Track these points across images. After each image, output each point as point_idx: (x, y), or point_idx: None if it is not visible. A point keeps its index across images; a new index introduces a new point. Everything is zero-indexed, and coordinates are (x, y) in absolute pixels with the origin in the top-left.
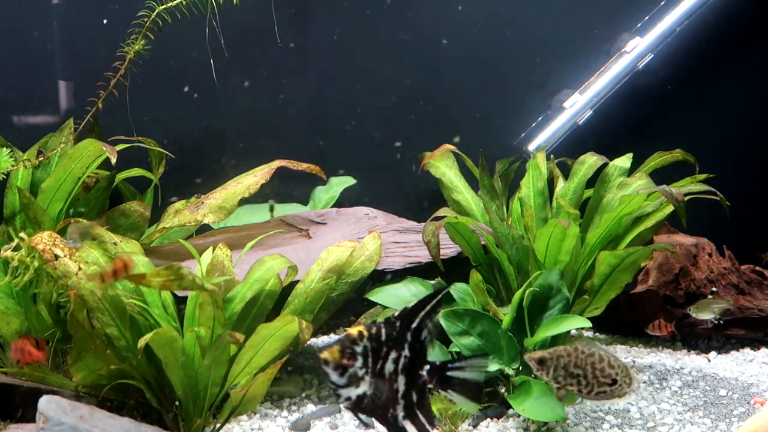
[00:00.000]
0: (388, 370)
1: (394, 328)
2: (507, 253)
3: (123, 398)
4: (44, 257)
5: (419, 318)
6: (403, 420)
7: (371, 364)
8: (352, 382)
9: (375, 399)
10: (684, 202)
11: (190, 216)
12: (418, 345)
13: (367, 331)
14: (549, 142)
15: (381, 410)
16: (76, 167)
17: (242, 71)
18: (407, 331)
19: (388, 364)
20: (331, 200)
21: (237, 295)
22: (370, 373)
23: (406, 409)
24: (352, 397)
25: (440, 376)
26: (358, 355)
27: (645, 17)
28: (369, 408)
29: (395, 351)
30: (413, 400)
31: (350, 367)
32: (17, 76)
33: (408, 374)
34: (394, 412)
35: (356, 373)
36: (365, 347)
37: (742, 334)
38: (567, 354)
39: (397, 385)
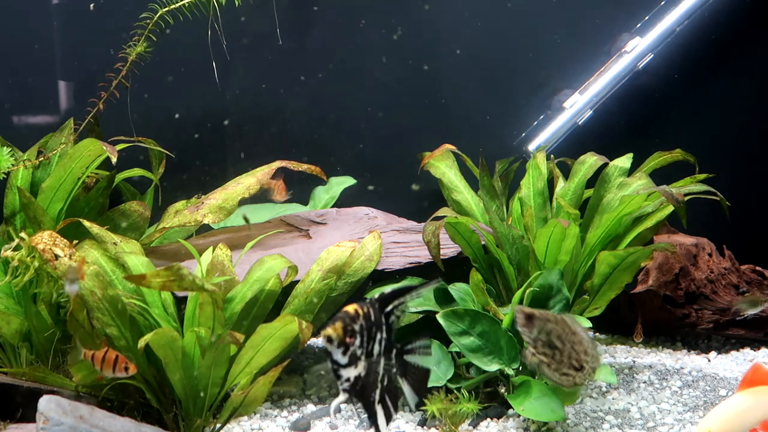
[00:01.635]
0: (375, 352)
1: (375, 309)
2: (507, 253)
3: (123, 398)
4: (44, 257)
5: (393, 304)
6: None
7: (366, 343)
8: (352, 362)
9: (366, 381)
10: (684, 203)
11: (190, 216)
12: (388, 328)
13: (361, 309)
14: (549, 142)
15: (366, 392)
16: (76, 167)
17: (243, 71)
18: (383, 313)
19: (375, 345)
20: (331, 200)
21: (237, 295)
22: (364, 353)
23: (380, 393)
24: (351, 378)
25: (401, 361)
26: (356, 333)
27: (645, 17)
28: (360, 391)
29: (379, 332)
30: (385, 383)
31: (351, 345)
32: (17, 76)
33: (385, 357)
34: (373, 396)
35: (356, 353)
36: (361, 325)
37: (742, 334)
38: (555, 321)
39: (378, 368)
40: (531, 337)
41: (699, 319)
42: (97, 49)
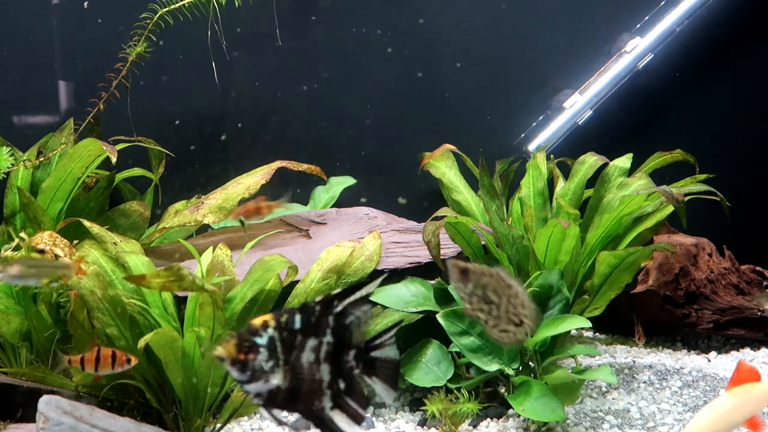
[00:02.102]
0: (306, 360)
1: (312, 313)
2: (507, 253)
3: (123, 398)
4: (44, 257)
5: (343, 303)
6: (331, 410)
7: (282, 354)
8: (257, 377)
9: (293, 392)
10: (684, 203)
11: (190, 216)
12: (343, 330)
13: (273, 320)
14: (549, 142)
15: (303, 404)
16: (76, 167)
17: (243, 72)
18: (327, 315)
19: (306, 353)
20: (331, 200)
21: (237, 295)
22: (281, 364)
23: (333, 398)
24: (262, 392)
25: (365, 359)
26: (260, 347)
27: (645, 17)
28: (287, 402)
29: (314, 338)
30: (341, 388)
31: (250, 361)
32: (17, 76)
33: (333, 361)
34: (319, 404)
35: (261, 367)
36: (271, 338)
37: (742, 334)
38: (490, 275)
39: (320, 375)
40: (466, 293)
41: (699, 319)
42: (97, 49)
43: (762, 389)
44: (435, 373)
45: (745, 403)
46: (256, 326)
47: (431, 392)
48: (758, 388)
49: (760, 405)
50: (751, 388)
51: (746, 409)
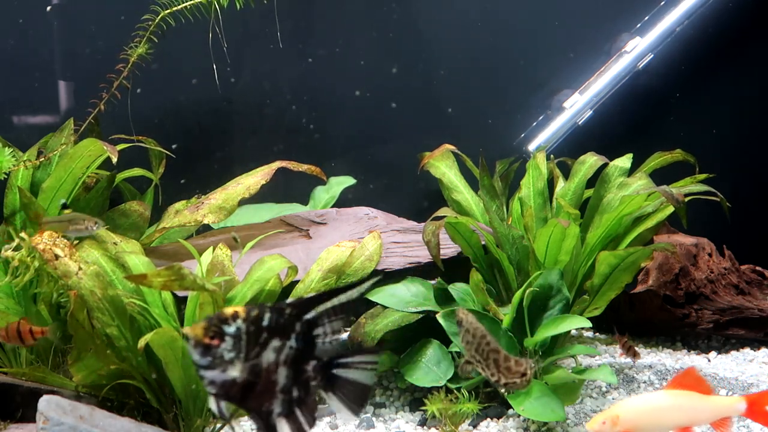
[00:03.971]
0: (266, 359)
1: (281, 314)
2: (507, 253)
3: (123, 398)
4: (44, 257)
5: (317, 311)
6: (278, 417)
7: (245, 348)
8: (216, 365)
9: (247, 388)
10: (684, 203)
11: (190, 216)
12: (309, 338)
13: (244, 313)
14: (549, 142)
15: (253, 402)
16: (76, 167)
17: (243, 72)
18: (298, 320)
19: (267, 353)
20: (331, 200)
21: (237, 295)
22: (242, 358)
23: (284, 405)
24: (216, 381)
25: (326, 375)
26: (227, 335)
27: (645, 17)
28: (238, 398)
29: (279, 339)
30: (294, 396)
31: (215, 347)
32: (17, 76)
33: (292, 368)
34: (269, 407)
35: (222, 355)
36: (239, 329)
37: (742, 334)
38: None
39: (276, 378)
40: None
41: (699, 319)
42: (97, 49)
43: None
44: (435, 373)
45: (678, 408)
46: (226, 315)
47: (431, 392)
48: (704, 400)
49: (701, 417)
50: (692, 396)
51: (678, 413)
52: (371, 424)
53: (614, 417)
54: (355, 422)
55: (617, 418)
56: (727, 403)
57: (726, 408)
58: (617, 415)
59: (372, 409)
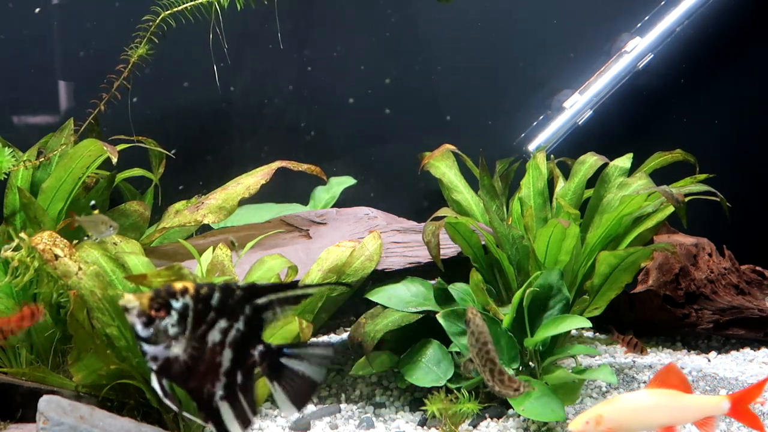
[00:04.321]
0: (212, 339)
1: (231, 295)
2: (507, 253)
3: (123, 398)
4: (44, 257)
5: (269, 297)
6: (220, 400)
7: (191, 325)
8: (159, 339)
9: (189, 367)
10: (684, 203)
11: (190, 216)
12: (256, 322)
13: (193, 289)
14: (549, 142)
15: (195, 382)
16: (76, 167)
17: (243, 72)
18: (247, 303)
19: (213, 332)
20: (331, 200)
21: None
22: (187, 335)
23: (226, 388)
24: (158, 357)
25: (272, 362)
26: (173, 310)
27: (645, 17)
28: (180, 376)
29: (226, 320)
30: (237, 380)
31: (159, 319)
32: (17, 76)
33: (237, 350)
34: (211, 389)
35: (166, 330)
36: (186, 305)
37: (742, 334)
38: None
39: (221, 359)
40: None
41: (699, 319)
42: (97, 49)
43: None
44: (435, 373)
45: (662, 407)
46: (175, 289)
47: (431, 392)
48: (687, 400)
49: (685, 417)
50: (676, 396)
51: (662, 413)
52: (371, 424)
53: (597, 417)
54: (356, 422)
55: (601, 417)
56: (711, 402)
57: (710, 407)
58: (600, 415)
59: (372, 409)
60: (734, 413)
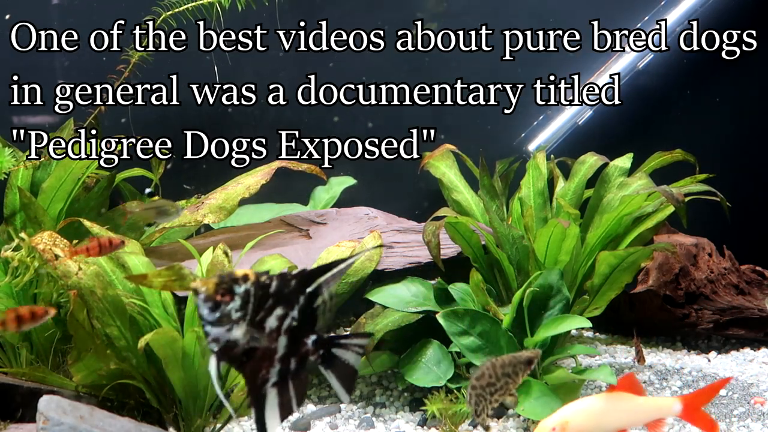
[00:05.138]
0: (269, 326)
1: (287, 284)
2: (507, 253)
3: (123, 398)
4: (44, 257)
5: (317, 283)
6: (270, 387)
7: (251, 311)
8: (223, 322)
9: (247, 351)
10: (684, 203)
11: (190, 216)
12: (309, 312)
13: (254, 276)
14: (549, 142)
15: (251, 366)
16: (76, 167)
17: (243, 71)
18: (301, 292)
19: (271, 319)
20: (331, 200)
21: None
22: (248, 320)
23: (279, 375)
24: (220, 339)
25: (325, 352)
26: (236, 295)
27: (645, 17)
28: (238, 360)
29: (283, 308)
30: (290, 368)
31: (224, 304)
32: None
33: (291, 338)
34: (265, 375)
35: (230, 314)
36: (248, 291)
37: (742, 334)
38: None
39: (277, 346)
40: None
41: (699, 319)
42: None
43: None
44: (435, 373)
45: (621, 410)
46: (237, 275)
47: (431, 392)
48: (639, 402)
49: (639, 418)
50: (632, 398)
51: (619, 415)
52: (371, 424)
53: (563, 422)
54: (356, 422)
55: (567, 423)
56: (664, 404)
57: (663, 409)
58: (567, 421)
59: (372, 409)
60: (686, 415)
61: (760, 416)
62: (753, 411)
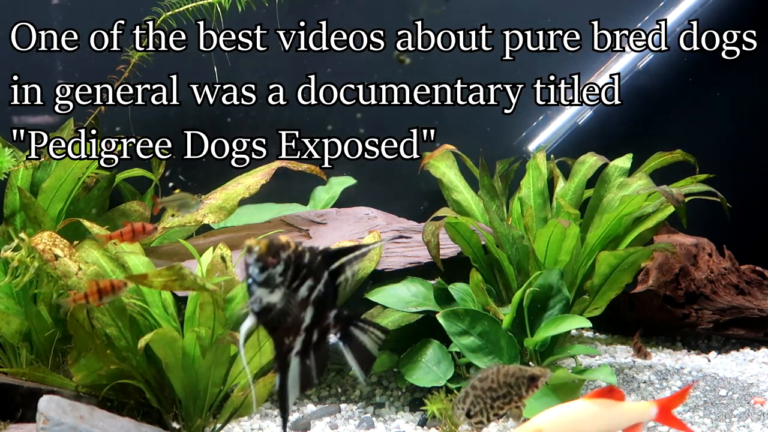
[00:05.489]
0: (301, 295)
1: (315, 257)
2: (507, 253)
3: (123, 398)
4: (44, 257)
5: (340, 262)
6: (294, 356)
7: (290, 277)
8: (268, 283)
9: (281, 315)
10: (684, 203)
11: (190, 216)
12: (333, 287)
13: (293, 245)
14: (549, 142)
15: (282, 332)
16: (76, 167)
17: (243, 71)
18: (326, 267)
19: (303, 289)
20: (331, 200)
21: (237, 295)
22: (286, 285)
23: (302, 344)
24: (262, 300)
25: (344, 327)
26: (282, 260)
27: (645, 17)
28: (272, 323)
29: (313, 279)
30: (312, 339)
31: (271, 266)
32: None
33: (317, 310)
34: (291, 342)
35: (274, 277)
36: (290, 257)
37: (742, 334)
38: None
39: (304, 315)
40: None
41: (699, 319)
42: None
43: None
44: (435, 373)
45: (598, 416)
46: (282, 241)
47: (431, 392)
48: (620, 407)
49: (616, 424)
50: (613, 404)
51: (598, 423)
52: (371, 424)
53: (537, 430)
54: (356, 422)
55: (540, 431)
56: (640, 408)
57: (639, 413)
58: (540, 429)
59: (372, 409)
60: (661, 418)
61: (760, 416)
62: (753, 411)
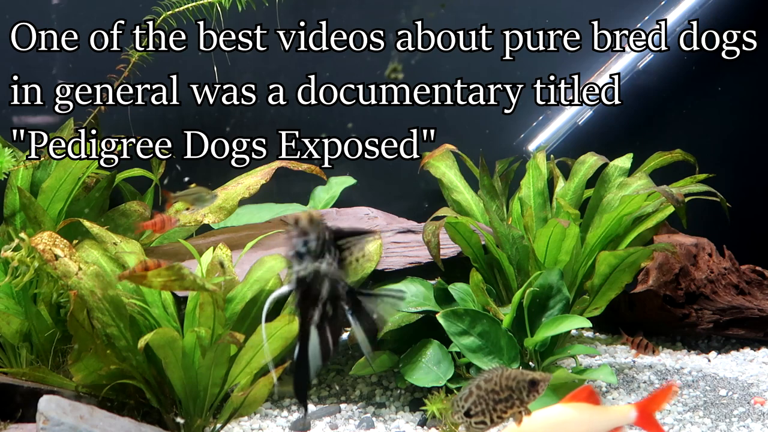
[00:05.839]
0: (322, 268)
1: (330, 233)
2: (507, 253)
3: (123, 398)
4: (44, 257)
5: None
6: (313, 327)
7: (318, 250)
8: (305, 256)
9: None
10: (684, 203)
11: (190, 216)
12: (340, 262)
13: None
14: (549, 142)
15: (305, 303)
16: (76, 167)
17: (243, 71)
18: (335, 244)
19: (323, 262)
20: (331, 200)
21: (237, 295)
22: (314, 257)
23: (319, 316)
24: (302, 270)
25: (352, 298)
26: (316, 233)
27: (645, 17)
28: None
29: (330, 253)
30: (328, 311)
31: (309, 239)
32: (17, 75)
33: (331, 283)
34: (312, 312)
35: (310, 248)
36: (324, 230)
37: (742, 334)
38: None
39: (322, 288)
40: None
41: (699, 319)
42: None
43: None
44: (435, 373)
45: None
46: (313, 215)
47: (431, 392)
48: (599, 411)
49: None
50: (588, 408)
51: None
52: (371, 424)
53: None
54: (356, 422)
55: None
56: (620, 412)
57: (619, 417)
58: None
59: (372, 409)
60: (640, 421)
61: (760, 416)
62: (753, 411)
